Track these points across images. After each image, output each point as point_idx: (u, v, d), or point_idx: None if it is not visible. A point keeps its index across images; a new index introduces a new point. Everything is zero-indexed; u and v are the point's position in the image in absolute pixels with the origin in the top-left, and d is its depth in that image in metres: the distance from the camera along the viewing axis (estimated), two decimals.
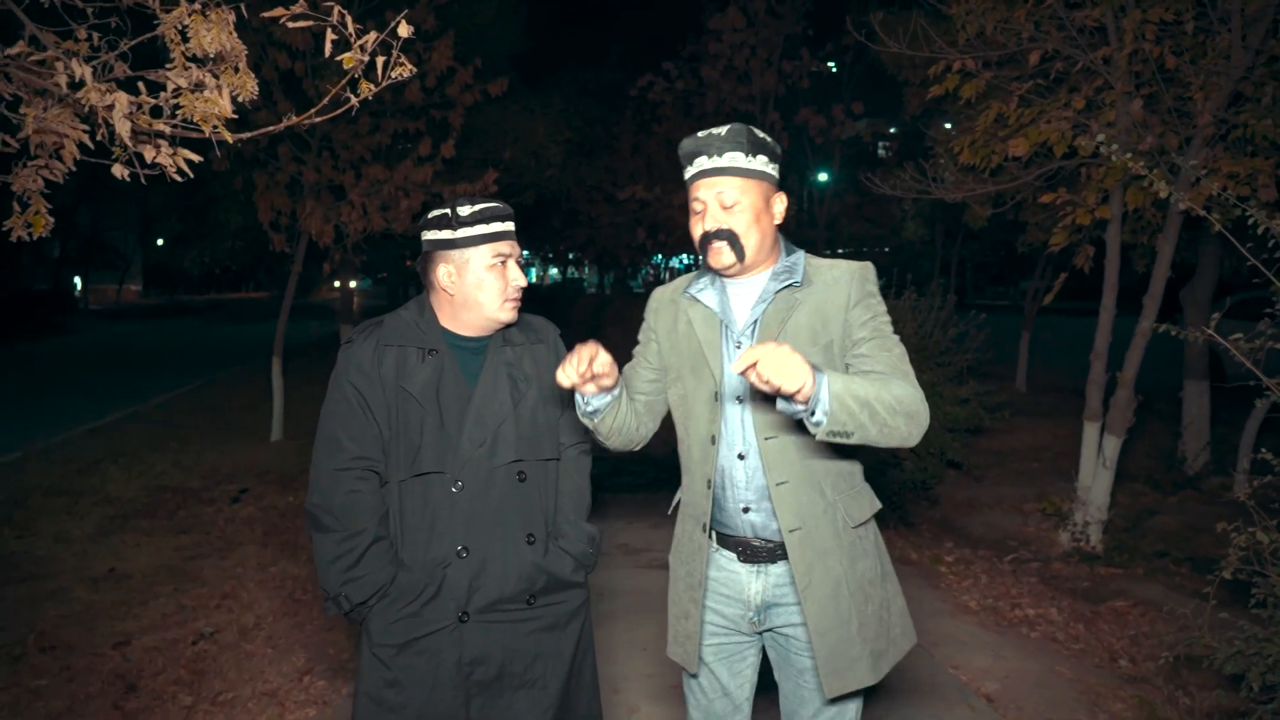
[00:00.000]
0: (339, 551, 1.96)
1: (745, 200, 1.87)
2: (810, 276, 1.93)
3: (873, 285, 1.94)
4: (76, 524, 6.22)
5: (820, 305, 1.89)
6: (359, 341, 2.04)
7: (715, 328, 1.96)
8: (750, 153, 1.87)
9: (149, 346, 22.06)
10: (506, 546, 2.01)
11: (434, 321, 2.07)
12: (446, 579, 1.98)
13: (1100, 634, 4.11)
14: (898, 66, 8.09)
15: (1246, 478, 6.35)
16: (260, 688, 3.65)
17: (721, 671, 2.06)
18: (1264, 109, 4.28)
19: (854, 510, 1.92)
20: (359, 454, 1.99)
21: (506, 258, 2.04)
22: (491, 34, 12.48)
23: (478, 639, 1.99)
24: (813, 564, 1.87)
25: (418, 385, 1.99)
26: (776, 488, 1.87)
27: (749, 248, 1.88)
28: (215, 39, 1.89)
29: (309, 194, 8.89)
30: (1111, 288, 5.30)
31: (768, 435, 1.88)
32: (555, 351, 2.18)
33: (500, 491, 2.01)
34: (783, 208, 1.96)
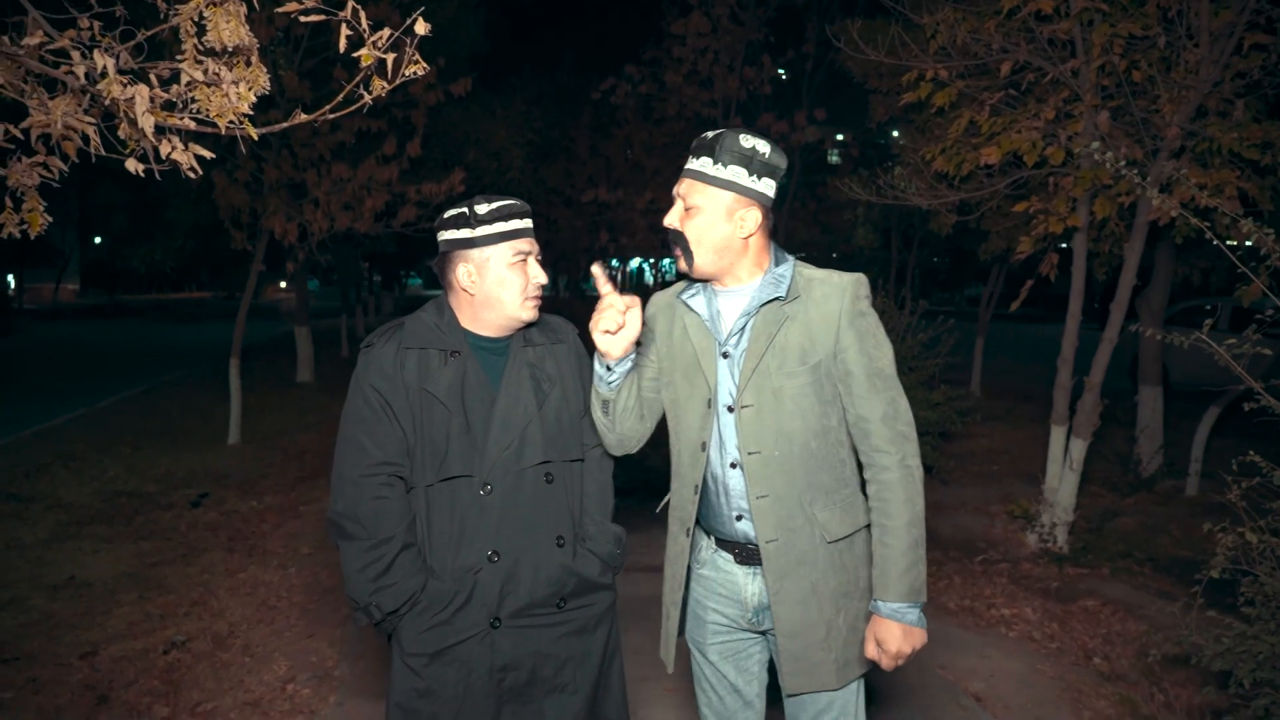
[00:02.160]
0: (367, 560, 1.91)
1: (704, 207, 1.88)
2: (799, 289, 1.92)
3: (865, 302, 1.93)
4: (28, 530, 6.01)
5: (809, 323, 1.90)
6: (380, 344, 1.99)
7: (707, 335, 1.98)
8: (720, 161, 1.86)
9: (91, 348, 21.39)
10: (537, 550, 1.99)
11: (454, 323, 2.03)
12: (478, 585, 1.95)
13: (1074, 633, 4.21)
14: (864, 75, 8.20)
15: (1198, 479, 6.64)
16: (241, 697, 3.56)
17: (728, 669, 2.07)
18: (1231, 123, 4.43)
19: (834, 525, 1.92)
20: (384, 459, 1.95)
21: (527, 255, 2.01)
22: (451, 34, 12.38)
23: (509, 645, 1.97)
24: (785, 572, 1.91)
25: (442, 388, 1.95)
26: (757, 501, 1.90)
27: (698, 255, 1.90)
28: (234, 32, 1.85)
29: (270, 192, 8.72)
30: (1078, 295, 5.43)
31: (751, 450, 1.90)
32: (576, 351, 2.16)
33: (529, 494, 1.99)
34: (753, 222, 1.90)
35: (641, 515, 3.95)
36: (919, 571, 1.87)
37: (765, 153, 1.89)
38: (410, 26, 1.83)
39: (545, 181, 18.00)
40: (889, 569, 1.86)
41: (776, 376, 1.89)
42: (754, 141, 1.88)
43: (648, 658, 3.83)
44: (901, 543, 1.85)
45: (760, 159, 1.88)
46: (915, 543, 1.86)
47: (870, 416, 1.88)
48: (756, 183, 1.88)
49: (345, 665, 3.83)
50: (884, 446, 1.87)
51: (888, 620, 1.86)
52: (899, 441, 1.87)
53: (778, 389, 1.89)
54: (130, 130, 1.81)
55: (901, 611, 1.85)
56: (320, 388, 13.04)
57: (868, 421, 1.88)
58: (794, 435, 1.89)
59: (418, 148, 9.05)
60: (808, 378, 1.88)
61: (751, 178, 1.88)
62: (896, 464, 1.87)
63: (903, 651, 1.86)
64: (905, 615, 1.85)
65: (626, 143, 16.03)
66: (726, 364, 1.95)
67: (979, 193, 5.57)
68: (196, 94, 1.86)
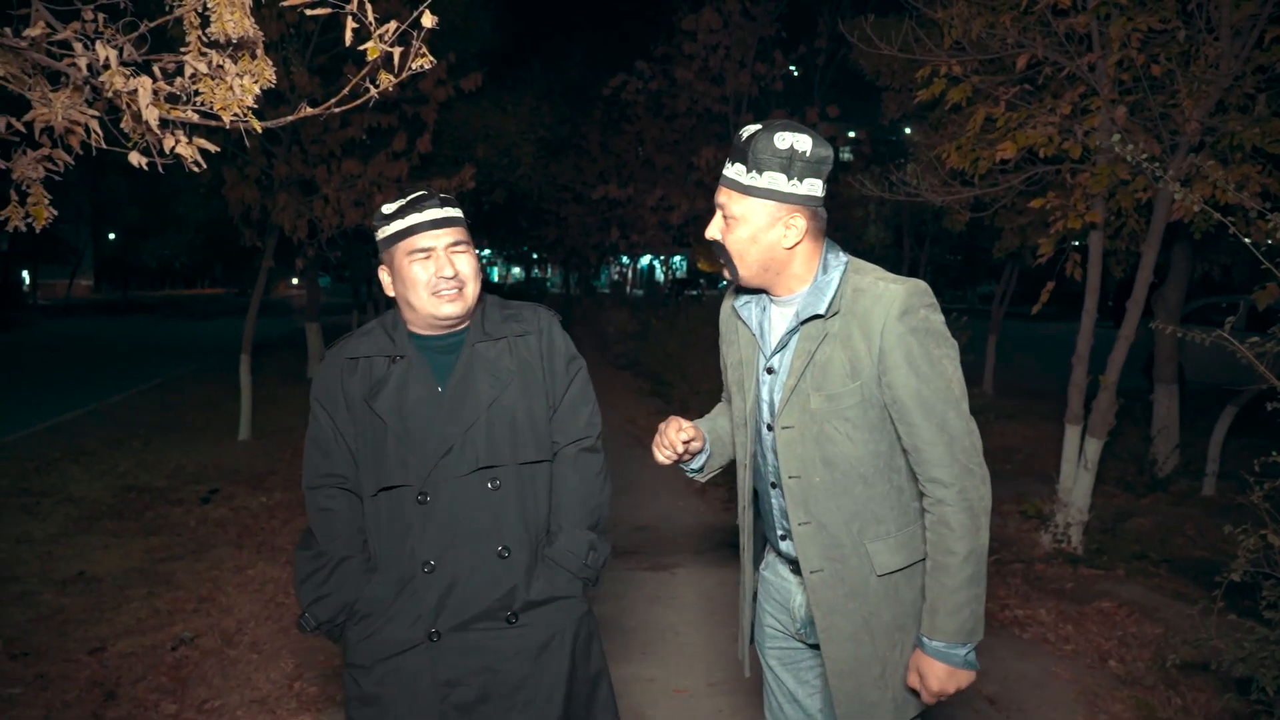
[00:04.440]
0: (310, 569, 1.94)
1: (744, 218, 1.73)
2: (843, 303, 1.73)
3: (916, 316, 1.69)
4: (39, 525, 6.02)
5: (851, 340, 1.71)
6: (327, 358, 2.01)
7: (755, 348, 1.88)
8: (754, 168, 1.69)
9: (103, 343, 21.50)
10: (477, 561, 1.89)
11: (403, 326, 1.99)
12: (415, 595, 1.89)
13: (1089, 634, 4.16)
14: (876, 72, 8.13)
15: (1215, 480, 6.57)
16: (249, 695, 3.54)
17: (787, 678, 2.00)
18: (1252, 118, 4.36)
19: (885, 557, 1.76)
20: (327, 471, 1.97)
21: (429, 250, 1.89)
22: (462, 29, 12.36)
23: (452, 659, 1.89)
24: (834, 607, 1.78)
25: (383, 396, 1.91)
26: (799, 528, 1.79)
27: (741, 269, 1.78)
28: (238, 23, 1.82)
29: (280, 188, 8.72)
30: (1093, 292, 5.36)
31: (791, 474, 1.78)
32: (549, 341, 2.04)
33: (470, 501, 1.90)
34: (799, 229, 1.72)
35: None
36: (973, 611, 1.69)
37: (806, 150, 1.69)
38: (417, 20, 1.80)
39: (556, 178, 17.95)
40: (938, 605, 1.70)
41: (815, 398, 1.74)
42: (792, 139, 1.69)
43: (655, 658, 3.81)
44: (954, 580, 1.68)
45: (801, 159, 1.69)
46: (970, 580, 1.68)
47: (923, 444, 1.69)
48: (799, 186, 1.70)
49: None
50: (940, 476, 1.69)
51: (931, 658, 1.72)
52: (957, 471, 1.68)
53: (817, 411, 1.74)
54: (134, 123, 1.78)
55: (947, 652, 1.70)
56: None
57: (921, 450, 1.70)
58: (837, 461, 1.74)
59: (428, 144, 9.04)
60: (853, 399, 1.71)
61: (793, 182, 1.69)
62: (954, 496, 1.68)
63: (945, 690, 1.73)
64: (951, 656, 1.70)
65: (637, 139, 15.98)
66: (770, 380, 1.83)
67: (994, 189, 5.51)
68: (200, 87, 1.83)
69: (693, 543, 5.55)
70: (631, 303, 21.57)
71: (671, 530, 5.76)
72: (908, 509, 1.79)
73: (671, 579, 4.81)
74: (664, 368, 11.04)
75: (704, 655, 3.85)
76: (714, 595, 4.57)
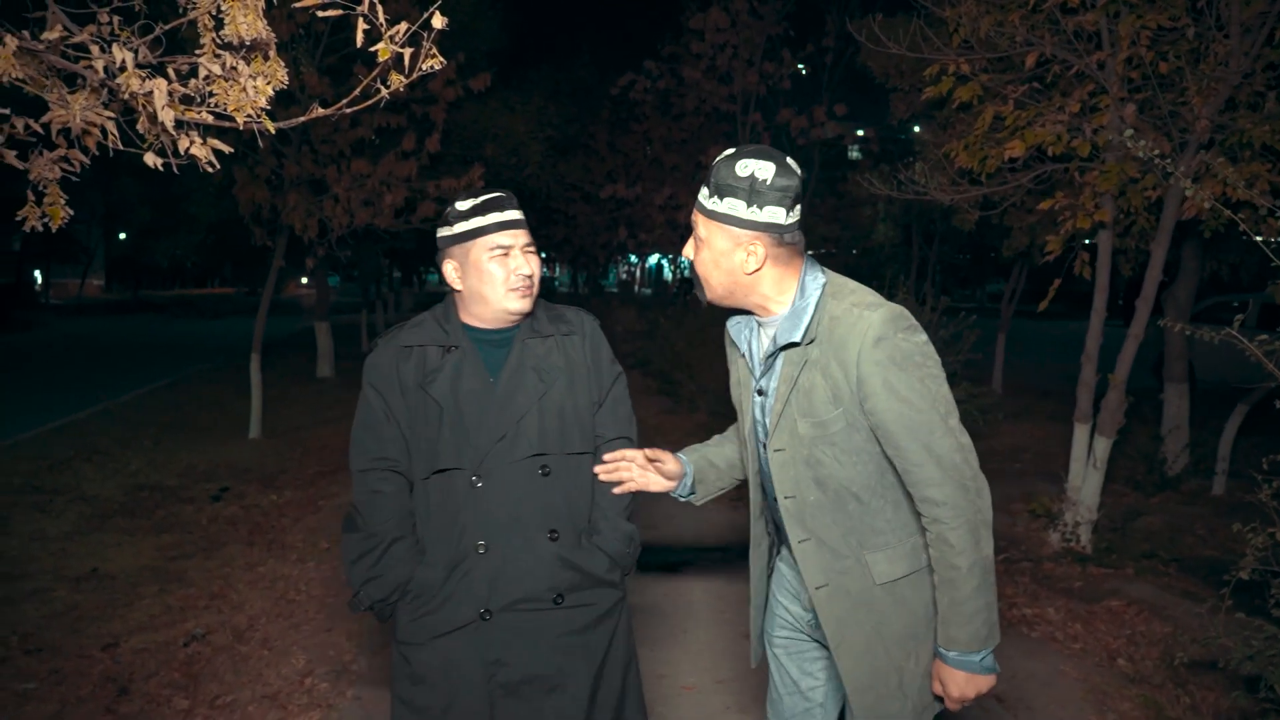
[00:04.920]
0: (362, 549, 2.00)
1: (707, 240, 1.76)
2: (819, 330, 1.72)
3: (890, 344, 1.65)
4: (52, 522, 6.07)
5: (829, 368, 1.71)
6: (381, 346, 2.07)
7: (747, 370, 1.91)
8: (715, 193, 1.71)
9: (115, 342, 21.63)
10: (527, 543, 1.98)
11: (455, 318, 2.07)
12: (467, 576, 1.97)
13: (1098, 634, 4.15)
14: (885, 73, 8.12)
15: (1225, 479, 6.55)
16: (260, 690, 3.57)
17: (791, 667, 2.01)
18: (1262, 116, 4.35)
19: (884, 567, 1.77)
20: (379, 455, 2.03)
21: (508, 248, 2.00)
22: (470, 30, 12.39)
23: (501, 638, 1.96)
24: (843, 619, 1.80)
25: (437, 383, 1.98)
26: (799, 544, 1.82)
27: (708, 290, 1.81)
28: (251, 25, 1.84)
29: (290, 188, 8.77)
30: (1103, 291, 5.36)
31: (787, 495, 1.81)
32: (591, 342, 2.14)
33: (521, 487, 1.98)
34: (760, 256, 1.72)
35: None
36: (985, 618, 1.70)
37: (766, 179, 1.67)
38: (427, 21, 1.82)
39: (564, 177, 17.96)
40: (949, 618, 1.71)
41: (802, 424, 1.75)
42: (754, 166, 1.68)
43: (665, 654, 3.82)
44: (961, 592, 1.68)
45: (761, 186, 1.67)
46: (977, 590, 1.68)
47: (912, 466, 1.68)
48: (759, 213, 1.69)
49: (363, 659, 3.84)
50: (933, 496, 1.67)
51: (950, 667, 1.74)
52: (950, 490, 1.66)
53: (805, 436, 1.75)
54: (149, 125, 1.81)
55: (963, 659, 1.72)
56: (340, 383, 13.11)
57: (910, 472, 1.69)
58: (828, 482, 1.76)
59: (437, 143, 9.08)
60: (838, 425, 1.72)
61: (752, 209, 1.69)
62: (950, 514, 1.66)
63: (966, 695, 1.75)
64: (968, 663, 1.72)
65: (645, 138, 16.01)
66: (761, 402, 1.85)
67: (1003, 188, 5.50)
68: (214, 88, 1.85)
69: (700, 541, 5.57)
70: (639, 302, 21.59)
71: (678, 528, 5.77)
72: (908, 522, 1.79)
73: (679, 577, 4.82)
74: (672, 366, 11.06)
75: (711, 652, 3.87)
76: (721, 593, 4.58)
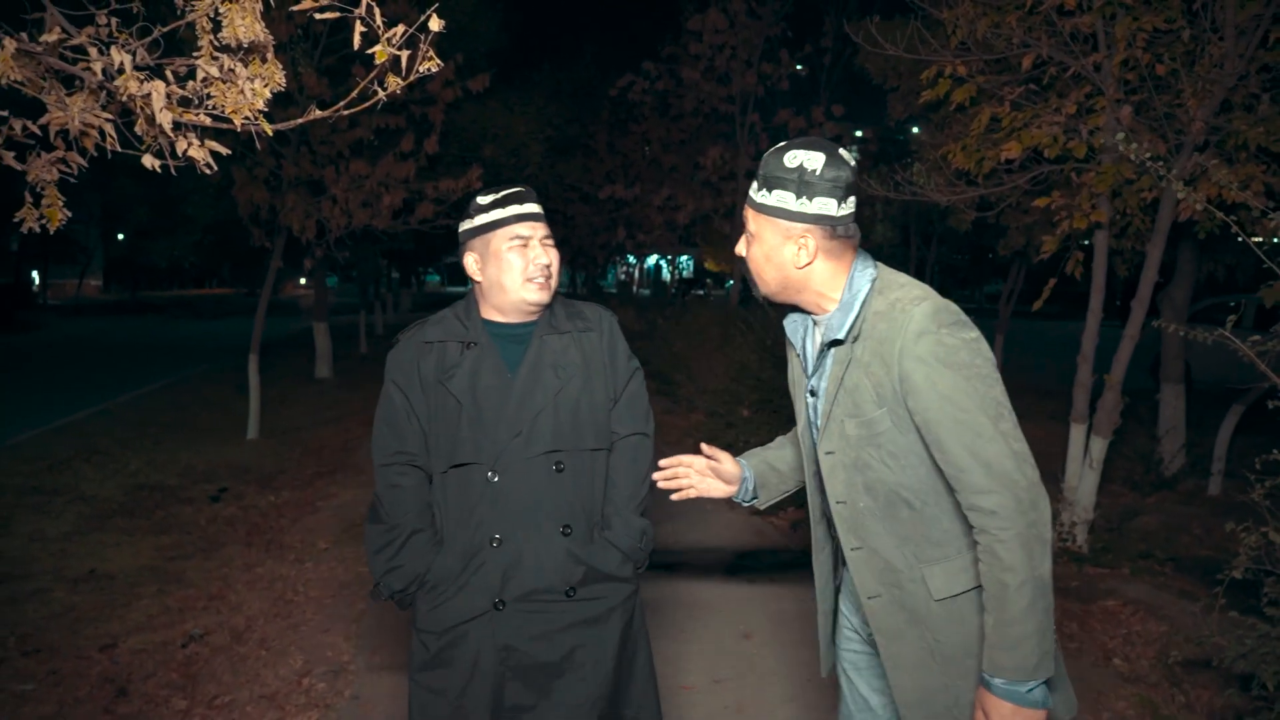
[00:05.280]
0: (383, 541, 2.06)
1: (758, 235, 1.73)
2: (863, 327, 1.67)
3: (933, 338, 1.58)
4: (52, 523, 6.08)
5: (872, 366, 1.65)
6: (402, 342, 2.12)
7: (800, 369, 1.87)
8: (764, 186, 1.69)
9: (114, 343, 21.62)
10: (541, 537, 2.02)
11: (475, 314, 2.11)
12: (482, 568, 2.01)
13: (1094, 633, 4.17)
14: (883, 75, 8.14)
15: (1221, 479, 6.56)
16: (258, 691, 3.58)
17: (860, 683, 1.95)
18: (1256, 118, 4.36)
19: (941, 582, 1.67)
20: (399, 449, 2.08)
21: (527, 239, 2.05)
22: (470, 30, 12.41)
23: (513, 627, 2.02)
24: (897, 633, 1.71)
25: (456, 379, 2.02)
26: (852, 553, 1.75)
27: (761, 284, 1.78)
28: (249, 28, 1.85)
29: (288, 189, 8.78)
30: (1099, 291, 5.37)
31: (839, 500, 1.75)
32: (609, 339, 2.18)
33: (536, 482, 2.02)
34: (811, 250, 1.69)
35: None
36: (1036, 644, 1.53)
37: (816, 169, 1.64)
38: (424, 23, 1.83)
39: (563, 178, 18.00)
40: (995, 640, 1.55)
41: (850, 425, 1.69)
42: (802, 157, 1.65)
43: (661, 655, 3.83)
44: (1008, 613, 1.53)
45: (810, 177, 1.65)
46: (1027, 611, 1.52)
47: (958, 471, 1.57)
48: (809, 205, 1.66)
49: (360, 659, 3.85)
50: (980, 504, 1.55)
51: (995, 697, 1.57)
52: (999, 499, 1.53)
53: (853, 438, 1.69)
54: (147, 127, 1.82)
55: (1009, 689, 1.55)
56: (339, 383, 13.12)
57: (957, 478, 1.58)
58: (878, 487, 1.69)
59: (435, 144, 9.09)
60: (885, 424, 1.65)
61: (801, 200, 1.66)
62: (998, 526, 1.53)
63: None
64: (1014, 694, 1.55)
65: (644, 139, 16.03)
66: (813, 403, 1.80)
67: (999, 189, 5.52)
68: (212, 90, 1.86)
69: (699, 540, 5.58)
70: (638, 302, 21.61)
71: (677, 528, 5.78)
72: (966, 532, 1.67)
73: (677, 577, 4.83)
74: (671, 367, 11.07)
75: (709, 652, 3.88)
76: (720, 593, 4.60)
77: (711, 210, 14.61)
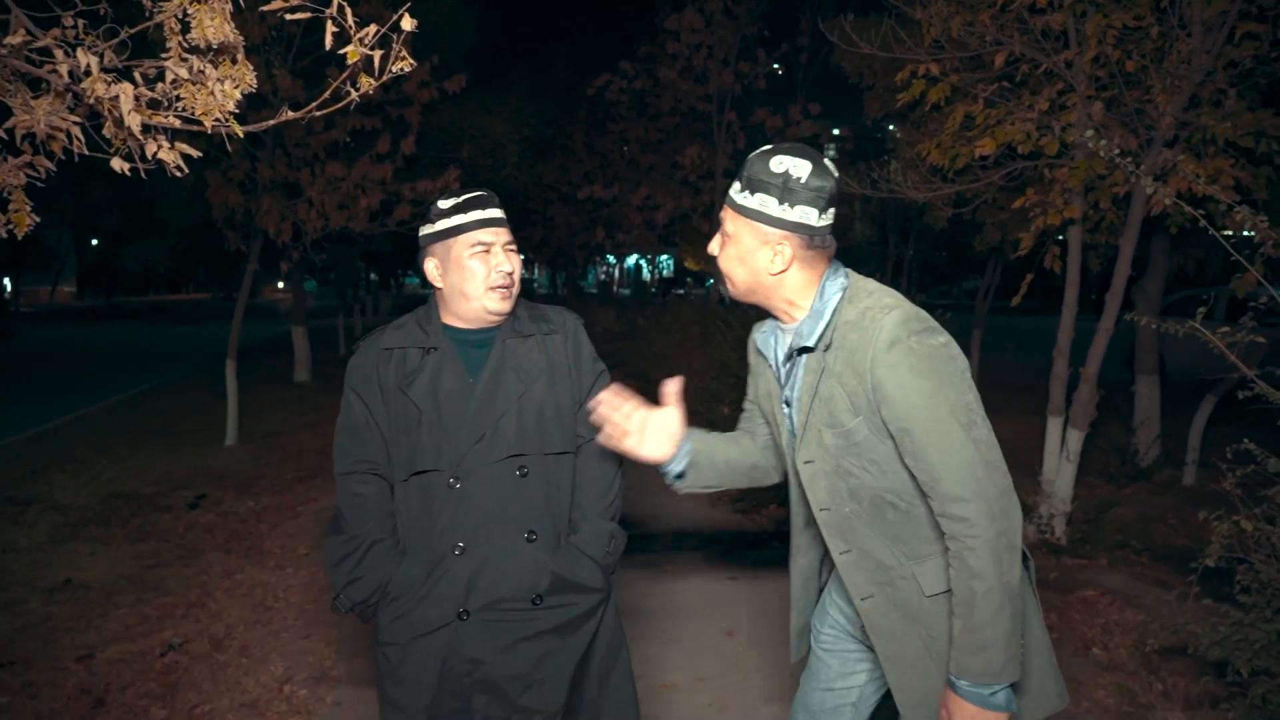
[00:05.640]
0: (343, 552, 2.02)
1: (734, 236, 1.73)
2: (834, 336, 1.68)
3: (903, 348, 1.59)
4: (25, 533, 6.00)
5: (844, 376, 1.66)
6: (362, 349, 2.08)
7: (773, 379, 1.86)
8: (747, 188, 1.68)
9: (88, 350, 21.37)
10: (506, 544, 1.98)
11: (436, 320, 2.07)
12: (445, 576, 1.97)
13: (1073, 623, 4.21)
14: (859, 73, 8.18)
15: (1195, 469, 6.65)
16: (238, 699, 3.55)
17: (834, 662, 1.96)
18: (1224, 113, 4.42)
19: (932, 578, 1.69)
20: (360, 457, 2.05)
21: (489, 245, 2.00)
22: (446, 31, 12.36)
23: (478, 638, 1.97)
24: (893, 633, 1.73)
25: (416, 385, 1.99)
26: (841, 557, 1.76)
27: (730, 285, 1.78)
28: (218, 29, 1.84)
29: (264, 191, 8.71)
30: (1073, 286, 5.43)
31: (822, 507, 1.75)
32: (573, 341, 2.14)
33: (499, 488, 1.98)
34: (787, 256, 1.69)
35: None
36: (1003, 649, 1.55)
37: (801, 177, 1.64)
38: (397, 23, 1.82)
39: (541, 178, 17.96)
40: (963, 644, 1.58)
41: (828, 434, 1.70)
42: (788, 163, 1.65)
43: (642, 654, 3.83)
44: (977, 618, 1.56)
45: (795, 184, 1.64)
46: (994, 617, 1.54)
47: (931, 478, 1.59)
48: (789, 212, 1.65)
49: (342, 665, 3.82)
50: (952, 511, 1.57)
51: (959, 697, 1.60)
52: (972, 507, 1.55)
53: (832, 447, 1.70)
54: (116, 129, 1.80)
55: (973, 691, 1.58)
56: (318, 387, 13.02)
57: (929, 484, 1.60)
58: (862, 492, 1.70)
59: (412, 145, 9.05)
60: (862, 433, 1.66)
61: (783, 207, 1.65)
62: (969, 532, 1.55)
63: None
64: (976, 696, 1.58)
65: (622, 139, 16.04)
66: (788, 413, 1.81)
67: (974, 185, 5.56)
68: (182, 92, 1.85)
69: (681, 539, 5.58)
70: (618, 302, 21.61)
71: (660, 526, 5.78)
72: None
73: (659, 575, 4.84)
74: (651, 366, 11.07)
75: (691, 650, 3.88)
76: (702, 591, 4.60)
77: (690, 209, 14.63)
